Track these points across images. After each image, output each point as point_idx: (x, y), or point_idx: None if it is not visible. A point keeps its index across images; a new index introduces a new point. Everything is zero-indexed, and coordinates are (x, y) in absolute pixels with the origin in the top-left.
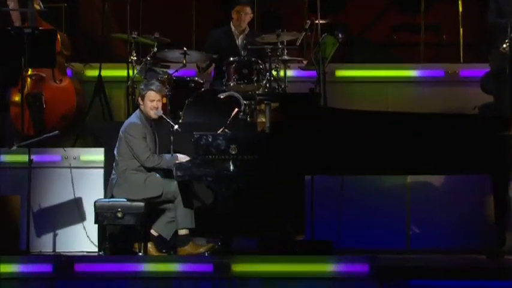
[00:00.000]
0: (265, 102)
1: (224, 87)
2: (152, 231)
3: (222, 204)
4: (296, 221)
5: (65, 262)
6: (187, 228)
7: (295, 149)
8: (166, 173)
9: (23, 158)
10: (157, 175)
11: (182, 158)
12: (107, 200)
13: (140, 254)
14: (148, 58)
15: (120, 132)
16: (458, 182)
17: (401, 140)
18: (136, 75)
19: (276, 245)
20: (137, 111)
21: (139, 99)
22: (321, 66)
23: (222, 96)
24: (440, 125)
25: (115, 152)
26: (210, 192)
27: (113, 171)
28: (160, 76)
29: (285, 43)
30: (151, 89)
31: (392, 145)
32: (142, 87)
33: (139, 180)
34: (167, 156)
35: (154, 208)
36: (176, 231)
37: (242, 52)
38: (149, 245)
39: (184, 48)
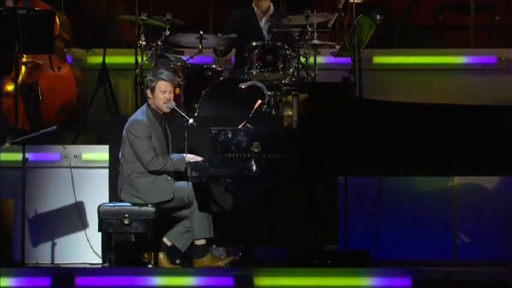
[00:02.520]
0: (293, 93)
1: (246, 76)
2: (165, 240)
3: (243, 209)
4: (328, 228)
5: (65, 275)
6: (204, 238)
7: (326, 146)
8: (178, 175)
9: (17, 156)
10: (168, 177)
11: (191, 158)
12: (112, 204)
13: (150, 265)
14: (159, 43)
15: (124, 130)
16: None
17: (447, 136)
18: (146, 62)
19: (304, 255)
20: (144, 106)
21: (148, 91)
22: (356, 52)
23: (243, 86)
24: (492, 119)
25: (120, 155)
26: (229, 196)
27: (119, 176)
28: (173, 63)
29: (315, 25)
30: (162, 79)
31: (437, 142)
32: (150, 77)
33: (147, 184)
34: (174, 156)
35: (168, 215)
36: (192, 241)
37: (266, 36)
38: (160, 255)
39: (201, 32)
